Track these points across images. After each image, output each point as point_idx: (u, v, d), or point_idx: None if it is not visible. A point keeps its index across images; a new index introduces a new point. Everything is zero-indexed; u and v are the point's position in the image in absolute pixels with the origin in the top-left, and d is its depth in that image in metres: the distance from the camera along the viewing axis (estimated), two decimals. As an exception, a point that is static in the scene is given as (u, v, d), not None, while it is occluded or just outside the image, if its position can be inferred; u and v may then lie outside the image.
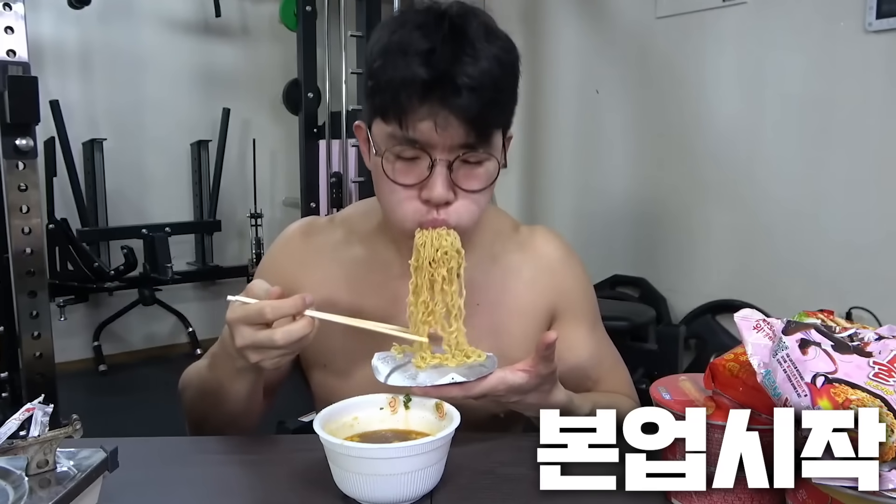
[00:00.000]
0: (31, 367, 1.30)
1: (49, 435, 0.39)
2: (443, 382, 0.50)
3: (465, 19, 0.51)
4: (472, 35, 0.50)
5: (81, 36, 2.43)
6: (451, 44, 0.50)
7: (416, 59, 0.49)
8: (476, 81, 0.49)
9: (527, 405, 0.54)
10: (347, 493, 0.47)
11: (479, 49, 0.50)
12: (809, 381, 0.37)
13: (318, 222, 0.68)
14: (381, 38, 0.53)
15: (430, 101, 0.49)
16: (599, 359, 0.67)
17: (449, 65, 0.49)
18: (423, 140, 0.51)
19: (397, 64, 0.50)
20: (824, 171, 1.66)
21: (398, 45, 0.51)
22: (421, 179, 0.52)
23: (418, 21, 0.51)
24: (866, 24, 1.55)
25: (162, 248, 2.34)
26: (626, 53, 2.08)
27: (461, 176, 0.53)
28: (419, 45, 0.50)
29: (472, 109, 0.49)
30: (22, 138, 1.25)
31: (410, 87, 0.49)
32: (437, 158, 0.51)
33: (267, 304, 0.49)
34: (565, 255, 0.67)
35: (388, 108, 0.51)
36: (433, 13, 0.52)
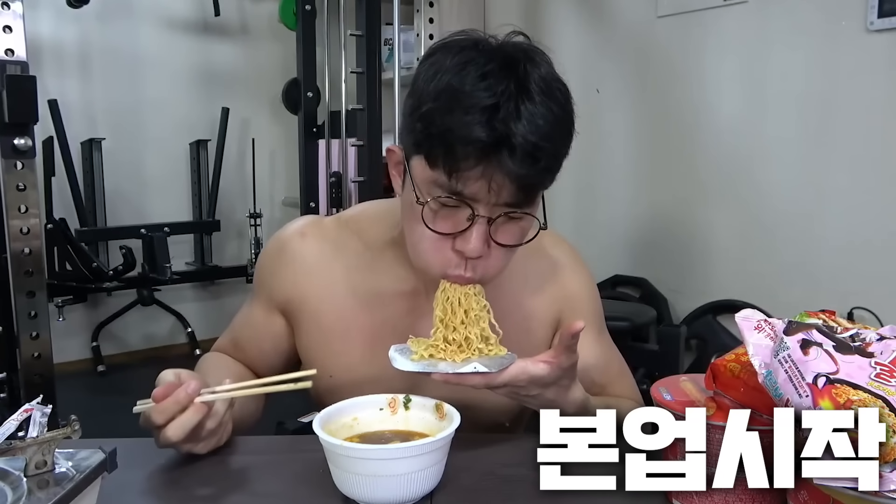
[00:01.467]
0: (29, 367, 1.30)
1: (47, 436, 0.38)
2: (465, 370, 0.49)
3: (528, 69, 0.48)
4: (534, 89, 0.48)
5: (80, 35, 2.43)
6: (515, 100, 0.47)
7: (477, 115, 0.46)
8: (536, 147, 0.47)
9: (545, 400, 0.53)
10: (347, 494, 0.46)
11: (540, 108, 0.48)
12: (811, 382, 0.37)
13: (322, 223, 0.65)
14: (438, 75, 0.49)
15: (486, 162, 0.47)
16: (606, 364, 0.67)
17: (510, 126, 0.46)
18: (469, 195, 0.49)
19: (456, 116, 0.47)
20: (826, 170, 1.65)
21: (459, 93, 0.47)
22: (458, 230, 0.51)
23: (483, 67, 0.48)
24: (868, 23, 1.54)
25: (161, 248, 2.34)
26: (626, 53, 2.08)
27: (499, 230, 0.52)
28: (482, 100, 0.46)
29: (527, 175, 0.48)
30: (20, 138, 1.25)
31: (468, 145, 0.47)
32: (480, 214, 0.50)
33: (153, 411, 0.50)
34: (572, 261, 0.66)
35: (438, 158, 0.48)
36: (499, 58, 0.48)
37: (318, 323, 0.62)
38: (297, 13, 2.18)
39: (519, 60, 0.49)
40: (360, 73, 1.93)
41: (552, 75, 0.51)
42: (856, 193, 1.61)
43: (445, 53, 0.50)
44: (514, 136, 0.47)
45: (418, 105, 0.50)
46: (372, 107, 1.93)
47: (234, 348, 0.68)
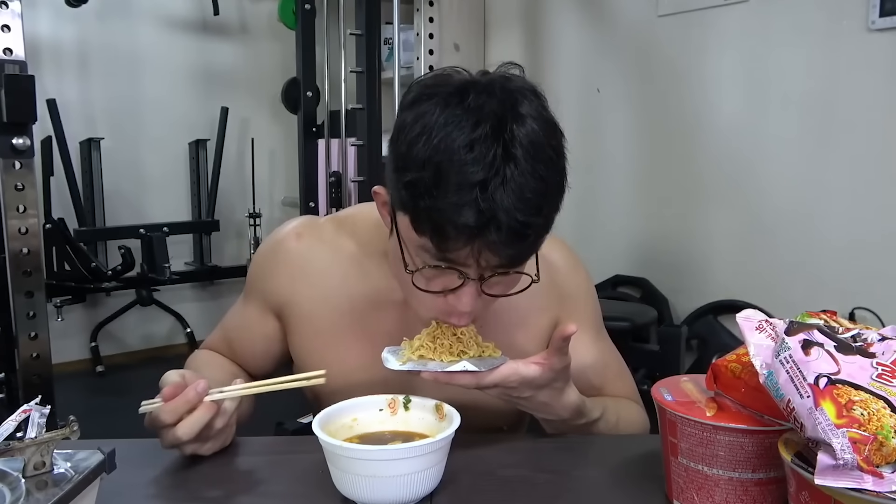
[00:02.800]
0: (28, 367, 1.30)
1: (46, 436, 0.38)
2: (454, 369, 0.49)
3: (517, 128, 0.46)
4: (522, 155, 0.45)
5: (79, 34, 2.42)
6: (503, 171, 0.45)
7: (466, 194, 0.44)
8: (524, 225, 0.45)
9: (539, 403, 0.53)
10: (347, 494, 0.46)
11: (527, 177, 0.45)
12: (812, 382, 0.37)
13: (318, 224, 0.64)
14: (424, 137, 0.46)
15: (474, 242, 0.46)
16: (604, 365, 0.66)
17: (498, 206, 0.45)
18: (458, 263, 0.48)
19: (444, 193, 0.45)
20: (827, 170, 1.65)
21: (446, 164, 0.45)
22: (449, 288, 0.50)
23: (468, 132, 0.45)
24: (869, 22, 1.54)
25: (160, 247, 2.33)
26: (627, 52, 2.08)
27: (492, 285, 0.51)
28: (471, 177, 0.44)
29: (515, 249, 0.47)
30: (19, 137, 1.25)
31: (457, 229, 0.45)
32: (470, 277, 0.49)
33: (162, 410, 0.50)
34: (570, 263, 0.66)
35: (426, 232, 0.47)
36: (486, 119, 0.46)
37: (313, 326, 0.62)
38: (297, 12, 2.18)
39: (506, 119, 0.46)
40: (359, 73, 1.93)
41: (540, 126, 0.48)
42: (857, 193, 1.61)
43: (429, 105, 0.47)
44: (500, 214, 0.45)
45: (403, 167, 0.47)
46: (372, 106, 1.93)
47: (226, 347, 0.68)
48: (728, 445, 0.42)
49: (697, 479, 0.44)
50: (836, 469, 0.34)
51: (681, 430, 0.44)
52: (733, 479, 0.43)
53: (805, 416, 0.36)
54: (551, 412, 0.55)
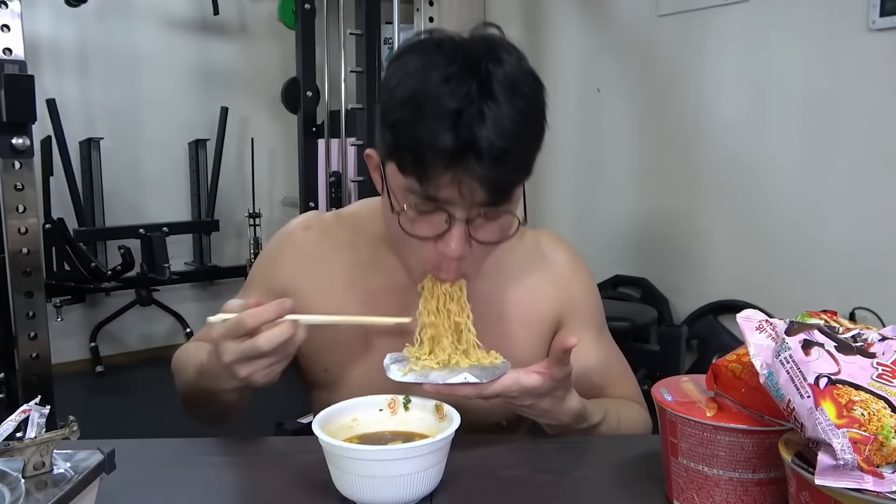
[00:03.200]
0: (27, 368, 1.29)
1: (46, 437, 0.38)
2: (455, 381, 0.50)
3: (491, 68, 0.48)
4: (499, 89, 0.47)
5: (78, 34, 2.42)
6: (479, 102, 0.47)
7: (442, 121, 0.47)
8: (502, 150, 0.47)
9: (540, 410, 0.53)
10: (347, 495, 0.46)
11: (504, 107, 0.47)
12: (812, 383, 0.36)
13: (323, 218, 0.66)
14: (402, 82, 0.49)
15: (455, 168, 0.48)
16: (606, 366, 0.66)
17: (475, 131, 0.46)
18: (443, 199, 0.50)
19: (422, 124, 0.47)
20: (828, 170, 1.65)
21: (423, 100, 0.48)
22: (437, 232, 0.51)
23: (444, 70, 0.48)
24: (870, 21, 1.54)
25: (159, 247, 2.33)
26: (627, 52, 2.08)
27: (478, 229, 0.52)
28: (446, 104, 0.47)
29: (496, 177, 0.48)
30: (18, 137, 1.25)
31: (435, 154, 0.47)
32: (457, 217, 0.50)
33: (246, 314, 0.48)
34: (572, 262, 0.66)
35: (408, 166, 0.49)
36: (460, 59, 0.48)
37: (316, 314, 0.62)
38: (297, 12, 2.18)
39: (480, 59, 0.49)
40: (359, 73, 1.93)
41: (518, 70, 0.50)
42: (857, 193, 1.61)
43: (410, 56, 0.50)
44: (478, 140, 0.47)
45: (386, 113, 0.50)
46: (372, 106, 1.93)
47: None
48: (728, 446, 0.42)
49: (698, 479, 0.44)
50: (837, 469, 0.34)
51: (681, 431, 0.44)
52: (733, 480, 0.43)
53: (805, 417, 0.36)
54: (553, 418, 0.55)
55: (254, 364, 0.49)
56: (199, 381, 0.56)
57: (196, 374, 0.57)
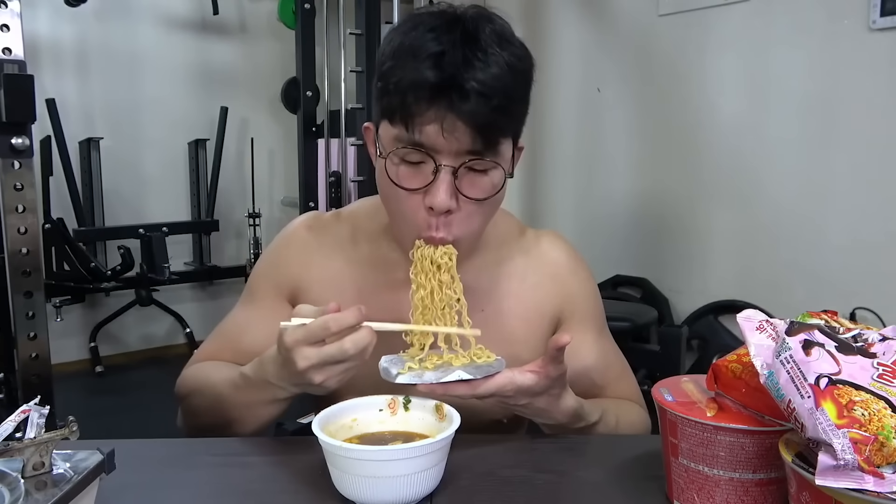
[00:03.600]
0: (27, 368, 1.29)
1: (45, 437, 0.38)
2: (449, 379, 0.50)
3: (479, 24, 0.51)
4: (485, 40, 0.50)
5: (78, 34, 2.42)
6: (462, 48, 0.49)
7: (425, 61, 0.49)
8: (485, 87, 0.48)
9: (536, 409, 0.53)
10: (347, 495, 0.46)
11: (490, 54, 0.49)
12: (813, 383, 0.36)
13: (323, 217, 0.67)
14: (392, 40, 0.52)
15: (438, 105, 0.49)
16: (606, 365, 0.66)
17: (458, 69, 0.48)
18: (428, 144, 0.50)
19: (407, 66, 0.49)
20: (828, 170, 1.65)
21: (409, 47, 0.50)
22: (424, 184, 0.52)
23: (431, 24, 0.51)
24: (870, 21, 1.54)
25: (159, 247, 2.33)
26: (627, 51, 2.08)
27: (465, 184, 0.52)
28: (430, 48, 0.49)
29: (479, 115, 0.49)
30: (18, 137, 1.24)
31: (418, 89, 0.49)
32: (442, 164, 0.51)
33: (329, 318, 0.47)
34: (572, 261, 0.66)
35: (395, 111, 0.50)
36: (447, 16, 0.51)
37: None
38: (297, 12, 2.18)
39: (468, 17, 0.51)
40: (359, 72, 1.93)
41: (507, 31, 0.52)
42: (858, 193, 1.61)
43: (402, 23, 0.54)
44: (461, 77, 0.48)
45: (379, 69, 0.53)
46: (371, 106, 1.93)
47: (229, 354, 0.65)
48: (729, 446, 0.42)
49: (698, 479, 0.44)
50: (837, 469, 0.34)
51: (681, 431, 0.44)
52: (734, 480, 0.43)
53: (806, 417, 0.36)
54: (549, 417, 0.55)
55: (331, 369, 0.49)
56: (235, 395, 0.55)
57: (233, 386, 0.55)
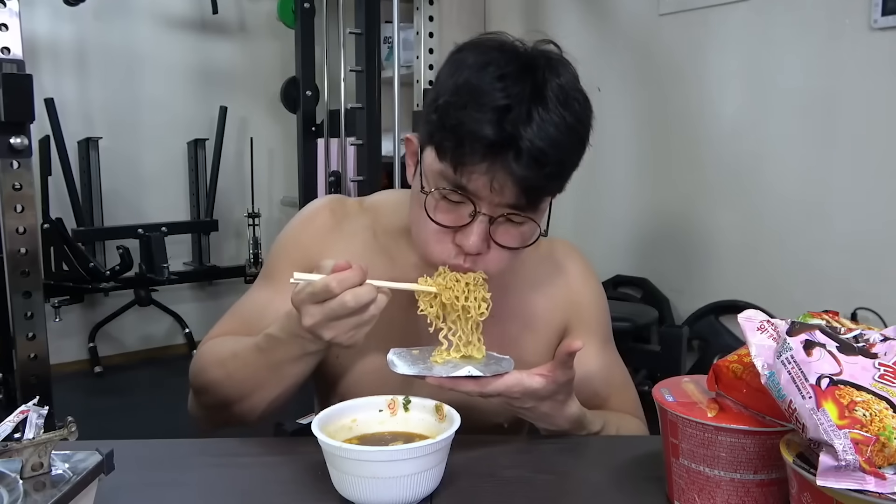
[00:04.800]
0: (25, 368, 1.29)
1: (44, 437, 0.38)
2: (459, 374, 0.50)
3: (548, 75, 0.49)
4: (551, 97, 0.49)
5: (77, 33, 2.42)
6: (528, 104, 0.48)
7: (488, 114, 0.47)
8: (541, 152, 0.48)
9: (540, 413, 0.53)
10: (346, 496, 0.46)
11: (553, 115, 0.48)
12: (814, 383, 0.36)
13: (348, 203, 0.67)
14: (458, 70, 0.50)
15: (492, 160, 0.48)
16: (609, 377, 0.66)
17: (519, 129, 0.47)
18: (473, 191, 0.50)
19: (468, 112, 0.48)
20: (829, 170, 1.65)
21: (475, 90, 0.48)
22: (460, 224, 0.52)
23: (502, 68, 0.49)
24: (872, 20, 1.54)
25: (158, 247, 2.33)
26: (628, 51, 2.08)
27: (500, 231, 0.52)
28: (496, 100, 0.48)
29: (530, 178, 0.49)
30: (16, 137, 1.24)
31: (475, 142, 0.48)
32: (482, 212, 0.51)
33: (331, 279, 0.47)
34: (583, 271, 0.67)
35: (446, 151, 0.50)
36: (520, 62, 0.50)
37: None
38: (296, 11, 2.17)
39: (539, 67, 0.50)
40: (359, 72, 1.92)
41: (572, 85, 0.51)
42: (859, 193, 1.61)
43: (470, 52, 0.51)
44: (521, 138, 0.47)
45: (436, 97, 0.51)
46: (371, 105, 1.93)
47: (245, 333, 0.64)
48: (729, 446, 0.42)
49: (699, 480, 0.44)
50: (839, 470, 0.34)
51: (682, 431, 0.44)
52: (735, 481, 0.42)
53: (807, 417, 0.36)
54: (552, 423, 0.55)
55: (339, 325, 0.49)
56: (262, 357, 0.55)
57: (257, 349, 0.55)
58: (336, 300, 0.48)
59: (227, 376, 0.59)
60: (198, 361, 0.63)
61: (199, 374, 0.62)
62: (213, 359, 0.61)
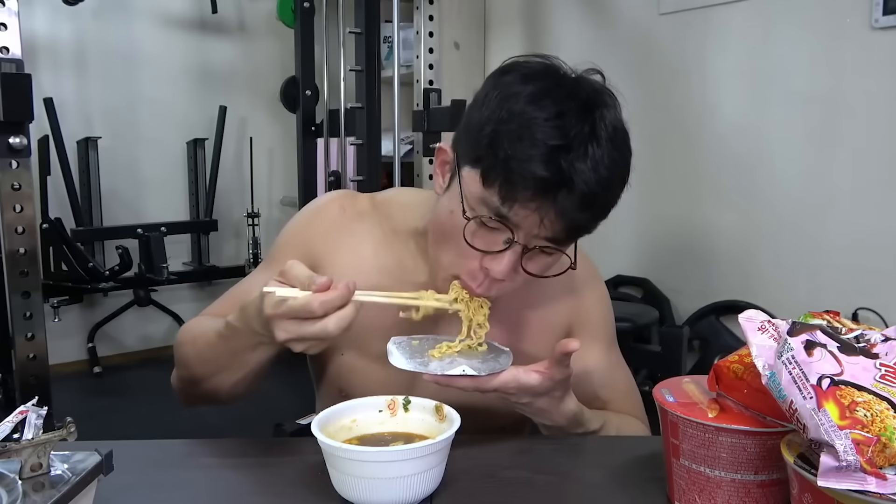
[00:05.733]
0: (24, 368, 1.29)
1: (43, 438, 0.38)
2: (453, 373, 0.50)
3: (604, 114, 0.50)
4: (604, 136, 0.49)
5: (76, 32, 2.41)
6: (586, 144, 0.48)
7: (545, 152, 0.47)
8: (594, 194, 0.48)
9: (536, 409, 0.53)
10: (346, 496, 0.46)
11: (606, 156, 0.48)
12: (815, 384, 0.36)
13: (359, 199, 0.66)
14: (513, 96, 0.49)
15: (543, 198, 0.48)
16: (612, 380, 0.66)
17: (575, 168, 0.47)
18: (515, 223, 0.50)
19: (523, 147, 0.47)
20: (830, 169, 1.65)
21: (531, 124, 0.48)
22: (492, 249, 0.51)
23: (561, 104, 0.48)
24: (873, 20, 1.53)
25: (157, 247, 2.32)
26: (628, 50, 2.07)
27: (531, 261, 0.52)
28: (552, 138, 0.47)
29: (580, 219, 0.49)
30: (15, 136, 1.24)
31: (529, 179, 0.47)
32: (518, 241, 0.51)
33: (315, 300, 0.46)
34: (589, 274, 0.67)
35: (494, 181, 0.49)
36: (578, 98, 0.49)
37: None
38: (296, 10, 2.17)
39: (596, 105, 0.50)
40: (359, 71, 1.92)
41: (620, 122, 0.52)
42: (860, 193, 1.61)
43: (522, 77, 0.50)
44: (576, 179, 0.47)
45: (487, 121, 0.50)
46: (371, 105, 1.93)
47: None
48: (730, 447, 0.42)
49: (699, 480, 0.44)
50: (840, 471, 0.34)
51: (682, 432, 0.44)
52: (735, 481, 0.42)
53: (808, 418, 0.36)
54: (549, 418, 0.55)
55: (311, 342, 0.48)
56: (223, 343, 0.55)
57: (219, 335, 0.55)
58: (318, 327, 0.46)
59: (196, 354, 0.59)
60: (179, 335, 0.64)
61: (177, 349, 0.63)
62: (188, 336, 0.62)
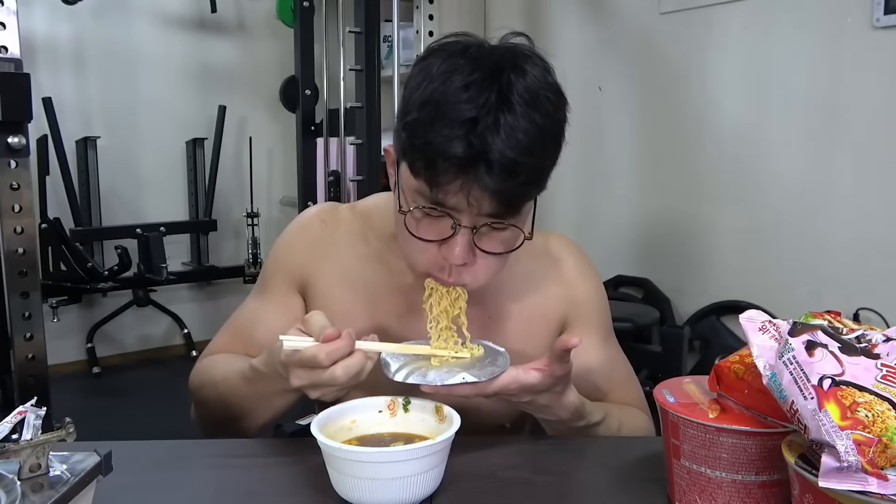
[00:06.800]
0: (23, 369, 1.29)
1: (42, 438, 0.38)
2: (453, 382, 0.50)
3: (514, 78, 0.48)
4: (517, 101, 0.47)
5: (75, 32, 2.41)
6: (495, 113, 0.46)
7: (457, 129, 0.47)
8: (513, 162, 0.47)
9: (538, 405, 0.53)
10: (346, 497, 0.46)
11: (521, 120, 0.47)
12: (816, 384, 0.36)
13: (339, 211, 0.67)
14: (424, 83, 0.49)
15: (465, 176, 0.48)
16: (610, 370, 0.66)
17: (487, 141, 0.46)
18: (450, 206, 0.50)
19: (437, 129, 0.47)
20: (831, 169, 1.65)
21: (441, 103, 0.47)
22: (442, 237, 0.52)
23: (466, 75, 0.47)
24: (874, 19, 1.53)
25: (157, 247, 2.32)
26: (629, 50, 2.07)
27: (483, 239, 0.52)
28: (463, 113, 0.47)
29: (506, 190, 0.48)
30: (14, 136, 1.24)
31: (447, 161, 0.47)
32: (463, 224, 0.51)
33: (320, 351, 0.47)
34: (580, 265, 0.66)
35: (419, 170, 0.49)
36: (485, 67, 0.48)
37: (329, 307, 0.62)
38: (295, 10, 2.17)
39: (504, 69, 0.48)
40: (358, 71, 1.92)
41: (540, 83, 0.49)
42: (861, 192, 1.61)
43: (436, 59, 0.50)
44: (490, 151, 0.47)
45: (405, 113, 0.50)
46: (371, 105, 1.92)
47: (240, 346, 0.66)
48: (731, 447, 0.42)
49: (700, 481, 0.43)
50: (841, 471, 0.34)
51: (683, 432, 0.44)
52: (736, 482, 0.42)
53: (809, 418, 0.36)
54: (551, 413, 0.55)
55: (325, 389, 0.50)
56: (248, 386, 0.56)
57: (245, 378, 0.56)
58: (326, 373, 0.48)
59: (219, 398, 0.60)
60: (195, 377, 0.64)
61: (197, 391, 0.63)
62: (208, 378, 0.62)
